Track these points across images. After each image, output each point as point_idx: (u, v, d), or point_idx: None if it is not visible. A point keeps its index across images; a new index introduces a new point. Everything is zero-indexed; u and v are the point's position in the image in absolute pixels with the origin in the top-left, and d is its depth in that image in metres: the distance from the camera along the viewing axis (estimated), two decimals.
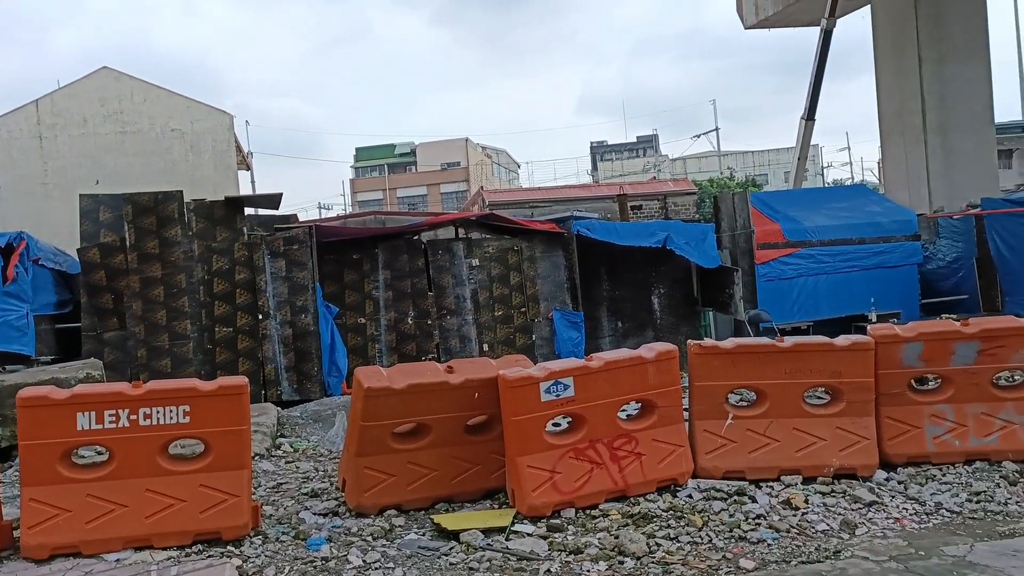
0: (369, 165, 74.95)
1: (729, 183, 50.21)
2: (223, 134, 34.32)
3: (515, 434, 5.98)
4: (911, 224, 14.39)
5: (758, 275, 13.59)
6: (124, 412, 5.50)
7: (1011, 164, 44.45)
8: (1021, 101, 52.85)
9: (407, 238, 12.50)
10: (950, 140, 21.90)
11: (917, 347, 6.47)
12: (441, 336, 12.24)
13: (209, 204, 11.20)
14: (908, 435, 6.49)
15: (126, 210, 10.71)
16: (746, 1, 30.01)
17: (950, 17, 21.95)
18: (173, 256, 10.81)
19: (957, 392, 6.51)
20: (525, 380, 5.98)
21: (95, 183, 31.19)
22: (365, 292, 12.01)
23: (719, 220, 14.48)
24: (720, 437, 6.49)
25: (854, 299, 13.57)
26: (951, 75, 22.03)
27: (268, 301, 11.03)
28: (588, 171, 77.28)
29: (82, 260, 10.76)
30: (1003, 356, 6.46)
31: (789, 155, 42.71)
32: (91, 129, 32.76)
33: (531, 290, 12.67)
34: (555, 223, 13.26)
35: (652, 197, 38.34)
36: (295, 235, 11.23)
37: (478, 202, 38.74)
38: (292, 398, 10.92)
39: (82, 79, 33.22)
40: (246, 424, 5.80)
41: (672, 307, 13.75)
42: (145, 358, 10.63)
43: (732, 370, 6.56)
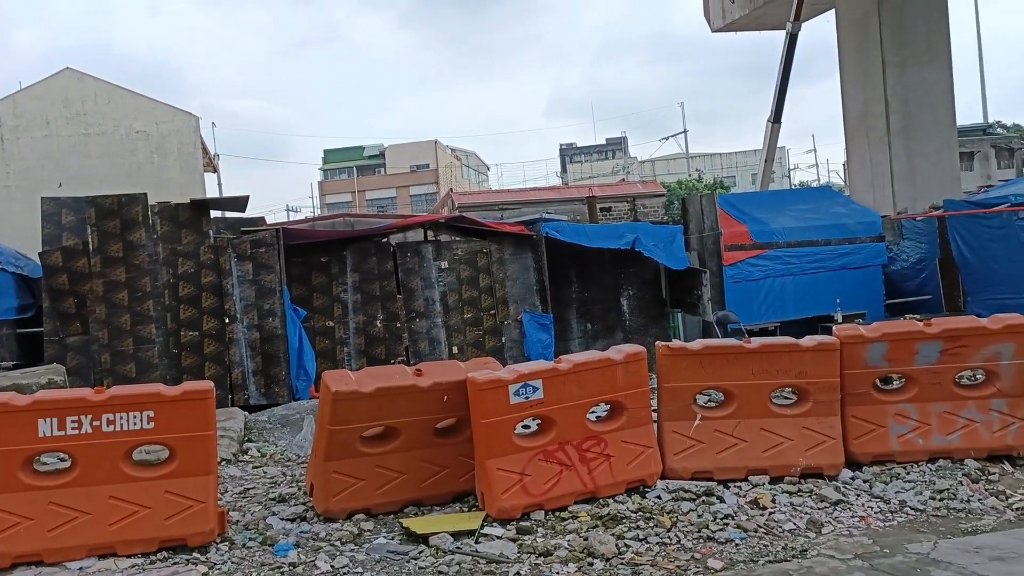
0: (338, 167, 74.58)
1: (697, 185, 50.60)
2: (189, 136, 33.97)
3: (484, 437, 5.97)
4: (875, 226, 14.59)
5: (726, 276, 13.71)
6: (87, 418, 5.43)
7: (973, 166, 45.28)
8: (982, 104, 53.74)
9: (376, 241, 12.44)
10: (913, 143, 22.25)
11: (881, 347, 6.55)
12: (410, 339, 12.20)
13: (174, 207, 11.05)
14: (873, 434, 6.57)
15: (89, 213, 10.54)
16: (713, 5, 30.31)
17: (913, 22, 22.32)
18: (137, 259, 10.66)
19: (921, 391, 6.60)
20: (494, 383, 5.97)
21: (58, 186, 30.74)
22: (333, 295, 11.93)
23: (687, 222, 14.58)
24: (688, 438, 6.53)
25: (820, 300, 13.73)
26: (914, 79, 22.39)
27: (235, 305, 10.92)
28: (557, 173, 77.52)
29: (44, 264, 10.58)
30: (965, 355, 6.56)
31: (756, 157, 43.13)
32: (54, 131, 32.27)
33: (500, 292, 12.66)
34: (524, 225, 13.27)
35: (621, 199, 38.57)
36: (262, 238, 11.12)
37: (448, 204, 38.70)
38: (260, 402, 10.81)
39: (45, 80, 32.72)
40: (212, 429, 5.73)
41: (641, 309, 13.81)
42: (109, 363, 10.47)
43: (700, 371, 6.59)
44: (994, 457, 6.54)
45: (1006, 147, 47.58)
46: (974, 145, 45.81)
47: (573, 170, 74.78)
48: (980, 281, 12.85)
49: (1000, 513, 5.74)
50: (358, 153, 74.86)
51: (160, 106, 33.72)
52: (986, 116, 52.91)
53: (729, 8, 29.46)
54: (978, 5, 58.90)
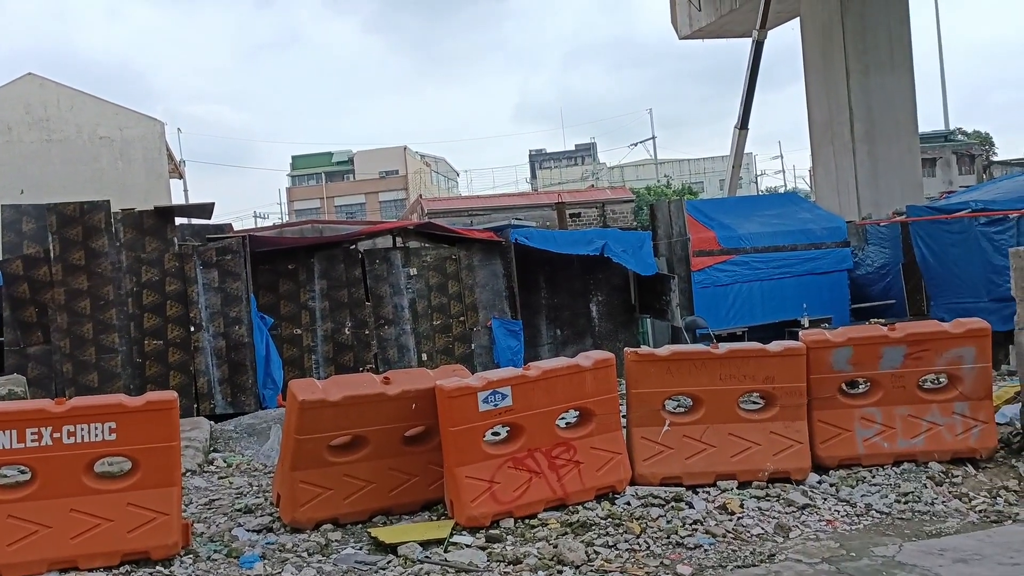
0: (306, 173, 74.10)
1: (666, 191, 50.96)
2: (154, 142, 33.58)
3: (453, 445, 5.94)
4: (841, 231, 14.77)
5: (694, 282, 13.79)
6: (47, 430, 5.31)
7: (935, 172, 46.02)
8: (943, 111, 54.70)
9: (344, 247, 12.36)
10: (877, 149, 22.57)
11: (847, 352, 6.62)
12: (379, 346, 12.12)
13: (138, 214, 10.90)
14: (839, 438, 6.63)
15: (50, 220, 10.37)
16: (680, 12, 30.54)
17: (875, 30, 22.64)
18: (100, 267, 10.49)
19: (885, 395, 6.67)
20: (463, 390, 5.95)
21: (20, 192, 30.21)
22: (301, 302, 11.83)
23: (656, 228, 14.64)
24: (657, 444, 6.54)
25: (787, 305, 13.85)
26: (877, 86, 22.71)
27: (200, 313, 10.79)
28: (527, 179, 77.64)
29: (4, 273, 10.38)
30: (928, 359, 6.64)
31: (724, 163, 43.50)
32: (15, 137, 31.75)
33: (469, 299, 12.63)
34: (493, 232, 13.26)
35: (590, 205, 38.72)
36: (228, 245, 11.01)
37: (417, 210, 38.60)
38: (226, 411, 10.69)
39: (5, 86, 32.19)
40: (175, 440, 5.65)
41: (610, 314, 13.85)
42: (71, 373, 10.29)
43: (668, 377, 6.61)
44: (957, 460, 6.61)
45: (967, 153, 48.45)
46: (936, 151, 46.57)
47: (543, 176, 74.98)
48: (942, 285, 13.04)
49: (963, 515, 5.82)
50: (327, 159, 74.47)
51: (124, 111, 33.30)
52: (947, 123, 53.86)
53: (696, 16, 29.70)
54: (939, 13, 60.29)
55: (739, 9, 27.04)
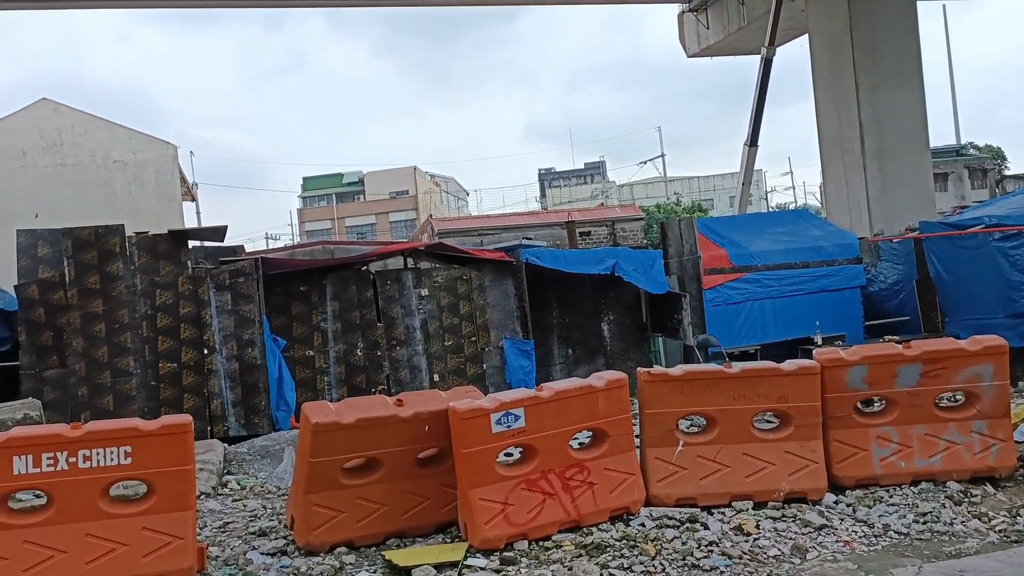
0: (317, 194, 74.47)
1: (676, 208, 50.94)
2: (167, 165, 33.82)
3: (466, 466, 5.92)
4: (853, 248, 14.71)
5: (706, 300, 13.75)
6: (63, 455, 5.33)
7: (947, 187, 45.91)
8: (954, 126, 54.64)
9: (355, 269, 12.40)
10: (888, 164, 22.50)
11: (862, 370, 6.58)
12: (391, 367, 12.13)
13: (152, 237, 10.98)
14: (856, 457, 6.58)
15: (66, 245, 10.45)
16: (688, 31, 30.65)
17: (884, 46, 22.64)
18: (115, 291, 10.56)
19: (902, 414, 6.63)
20: (476, 412, 5.94)
21: (34, 216, 30.44)
22: (313, 324, 11.86)
23: (666, 246, 14.64)
24: (671, 464, 6.51)
25: (800, 322, 13.79)
26: (886, 101, 22.68)
27: (214, 335, 10.83)
28: (537, 198, 77.76)
29: (20, 297, 10.46)
30: (945, 377, 6.60)
31: (734, 180, 43.51)
32: (30, 162, 32.03)
33: (481, 319, 12.64)
34: (504, 251, 13.28)
35: (600, 223, 38.73)
36: (241, 268, 11.06)
37: (427, 230, 38.70)
38: (239, 434, 10.70)
39: (20, 111, 32.51)
40: (190, 464, 5.66)
41: (622, 333, 13.82)
42: (87, 396, 10.34)
43: (681, 397, 6.59)
44: (976, 479, 6.55)
45: (979, 168, 48.31)
46: (948, 166, 46.48)
47: (552, 195, 75.08)
48: (957, 302, 12.96)
49: (983, 535, 5.76)
50: (337, 180, 74.83)
51: (137, 135, 33.57)
52: (959, 137, 53.78)
53: (704, 34, 29.82)
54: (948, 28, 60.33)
55: (747, 27, 27.13)
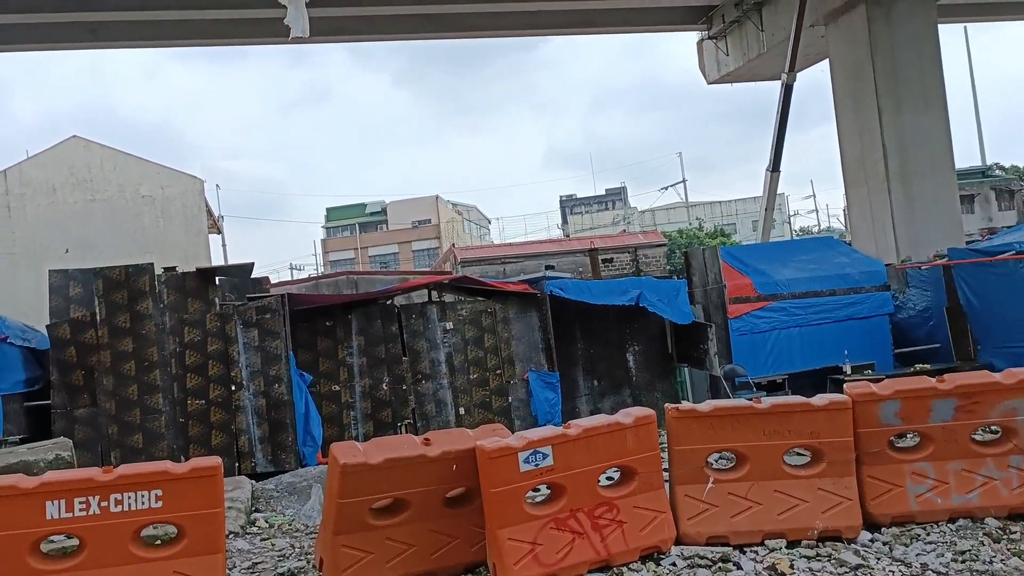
0: (340, 224, 75.04)
1: (698, 233, 50.85)
2: (193, 198, 34.19)
3: (495, 506, 5.89)
4: (880, 274, 14.56)
5: (731, 329, 13.65)
6: (95, 499, 5.37)
7: (974, 208, 45.47)
8: (979, 147, 54.26)
9: (380, 303, 12.45)
10: (913, 188, 22.29)
11: (894, 405, 6.49)
12: (417, 401, 12.14)
13: (181, 276, 11.10)
14: (891, 494, 6.48)
15: (97, 285, 10.59)
16: (707, 58, 30.70)
17: (906, 68, 22.52)
18: (144, 329, 10.67)
19: (937, 449, 6.52)
20: (503, 451, 5.92)
21: (65, 251, 30.89)
22: (339, 359, 11.90)
23: (691, 275, 14.60)
24: (702, 502, 6.44)
25: (827, 351, 13.64)
26: (910, 124, 22.52)
27: (241, 372, 10.89)
28: (559, 225, 77.85)
29: (52, 337, 10.59)
30: (980, 412, 6.49)
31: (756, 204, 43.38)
32: (60, 198, 32.52)
33: (506, 352, 12.62)
34: (528, 284, 13.29)
35: (623, 250, 38.68)
36: (268, 304, 11.14)
37: (450, 259, 38.83)
38: (267, 470, 10.72)
39: (51, 148, 33.06)
40: (220, 507, 5.68)
41: (647, 364, 13.75)
42: (116, 434, 10.42)
43: (711, 433, 6.53)
44: (1015, 515, 6.42)
45: (1006, 189, 47.84)
46: (974, 188, 46.07)
47: (574, 221, 75.18)
48: (989, 329, 12.78)
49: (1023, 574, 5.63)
50: (360, 210, 75.39)
51: (165, 170, 34.01)
52: (984, 158, 53.35)
53: (723, 60, 29.83)
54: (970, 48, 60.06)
55: (766, 53, 27.12)
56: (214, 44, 27.76)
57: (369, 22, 25.61)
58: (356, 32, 26.60)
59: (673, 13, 28.57)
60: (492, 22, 26.45)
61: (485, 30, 27.78)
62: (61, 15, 22.27)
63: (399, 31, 26.90)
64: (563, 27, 28.17)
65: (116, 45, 26.30)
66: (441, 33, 27.74)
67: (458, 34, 28.22)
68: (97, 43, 25.17)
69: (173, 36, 25.12)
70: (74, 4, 21.77)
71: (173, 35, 24.99)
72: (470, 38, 29.91)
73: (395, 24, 25.96)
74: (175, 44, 27.25)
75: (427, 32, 27.37)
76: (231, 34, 25.13)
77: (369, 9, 24.16)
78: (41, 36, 24.00)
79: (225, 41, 26.58)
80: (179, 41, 26.26)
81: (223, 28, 24.63)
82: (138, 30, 24.26)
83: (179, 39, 25.72)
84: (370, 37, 28.11)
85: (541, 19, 26.65)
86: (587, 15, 26.66)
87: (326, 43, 29.16)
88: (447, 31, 27.31)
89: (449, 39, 30.01)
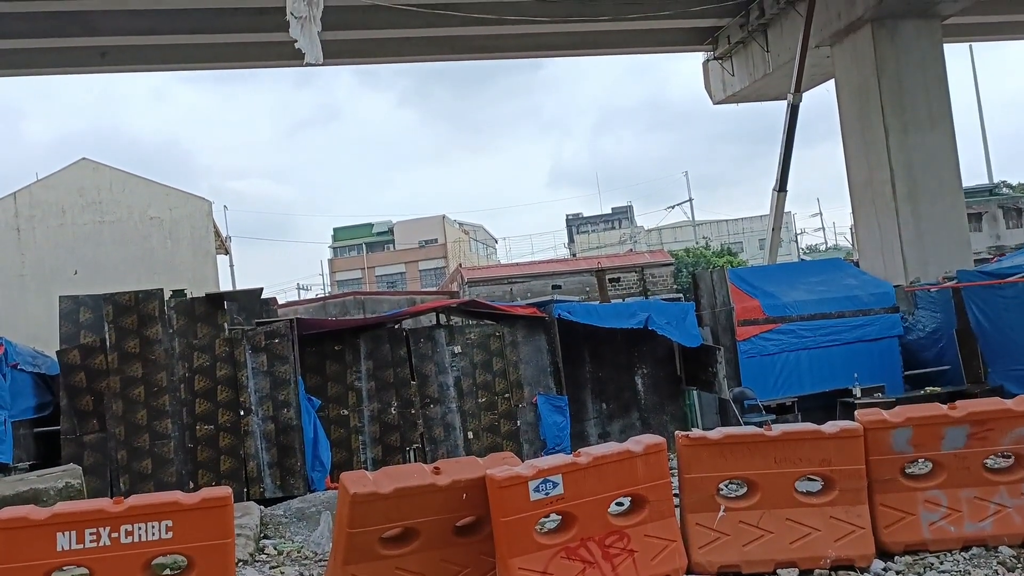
0: (347, 244, 75.28)
1: (705, 252, 50.83)
2: (202, 220, 34.38)
3: (505, 535, 5.88)
4: (889, 296, 14.51)
5: (740, 352, 13.61)
6: (105, 530, 5.38)
7: (981, 227, 45.40)
8: (986, 165, 54.25)
9: (388, 327, 12.47)
10: (920, 208, 22.27)
11: (906, 432, 6.47)
12: (425, 425, 12.12)
13: (190, 301, 11.14)
14: (903, 522, 6.44)
15: (107, 310, 10.63)
16: (713, 79, 30.82)
17: (912, 89, 22.56)
18: (154, 355, 10.70)
19: (949, 477, 6.49)
20: (513, 479, 5.91)
21: (73, 273, 31.05)
22: (347, 383, 11.90)
23: (699, 297, 14.58)
24: (713, 530, 6.41)
25: (836, 373, 13.58)
26: (917, 144, 22.53)
27: (250, 397, 10.90)
28: (565, 244, 77.96)
29: (62, 362, 10.63)
30: (992, 439, 6.46)
31: (762, 223, 43.37)
32: (69, 220, 32.73)
33: (514, 375, 12.61)
34: (536, 307, 13.29)
35: (630, 269, 38.76)
36: (276, 329, 11.15)
37: (457, 279, 38.90)
38: (275, 495, 10.70)
39: (60, 171, 33.33)
40: (230, 537, 5.69)
41: (656, 387, 13.71)
42: (125, 460, 10.42)
43: (721, 461, 6.51)
44: None
45: (1013, 207, 47.74)
46: (981, 206, 46.00)
47: (580, 240, 75.32)
48: (1000, 351, 12.72)
49: None
50: (367, 230, 75.67)
51: (173, 192, 34.23)
52: (991, 176, 53.34)
53: (730, 81, 29.94)
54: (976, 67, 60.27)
55: (772, 74, 27.21)
56: (223, 67, 27.99)
57: (379, 44, 25.84)
58: (367, 54, 26.83)
59: (679, 34, 28.72)
60: (499, 43, 26.63)
61: (492, 51, 27.99)
62: (72, 39, 22.52)
63: (409, 53, 27.13)
64: (569, 48, 28.33)
65: (125, 69, 26.54)
66: (449, 55, 27.97)
67: (466, 55, 28.44)
68: (107, 67, 25.41)
69: (182, 60, 25.36)
70: (84, 29, 22.01)
71: (182, 59, 25.23)
72: (477, 59, 30.14)
73: (405, 46, 26.18)
74: (184, 68, 27.48)
75: (436, 54, 27.61)
76: (240, 57, 25.35)
77: (379, 32, 24.36)
78: (52, 60, 24.26)
79: (234, 64, 26.81)
80: (188, 65, 26.50)
81: (232, 52, 24.85)
82: (147, 54, 24.51)
83: (188, 63, 25.96)
84: (381, 59, 28.35)
85: (548, 40, 26.80)
86: (593, 36, 26.80)
87: (337, 65, 29.38)
88: (455, 52, 27.54)
89: (457, 60, 30.25)
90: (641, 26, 25.83)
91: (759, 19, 26.30)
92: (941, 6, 22.25)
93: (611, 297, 26.59)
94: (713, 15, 26.77)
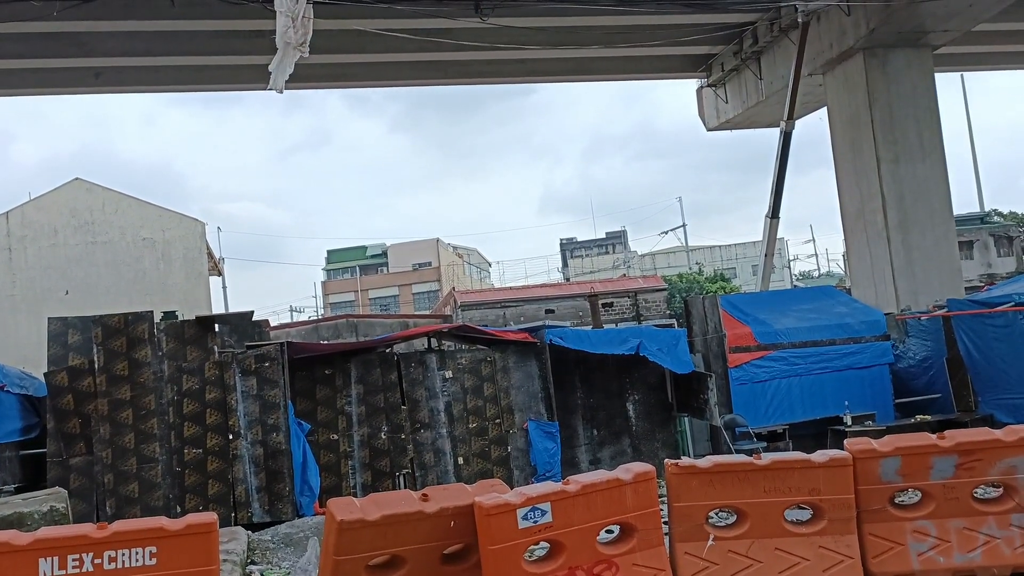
0: (341, 267, 75.23)
1: (698, 278, 50.94)
2: (194, 242, 34.37)
3: (493, 564, 5.84)
4: (880, 324, 14.55)
5: (731, 379, 13.61)
6: (88, 556, 5.33)
7: (972, 255, 45.59)
8: (977, 193, 54.67)
9: (380, 351, 12.43)
10: (912, 237, 22.39)
11: (895, 462, 6.46)
12: (415, 451, 12.05)
13: (180, 324, 11.10)
14: (892, 552, 6.42)
15: (95, 332, 10.58)
16: (707, 105, 31.04)
17: (904, 119, 22.75)
18: (142, 377, 10.64)
19: (938, 507, 6.48)
20: (502, 507, 5.88)
21: (65, 294, 30.97)
22: (337, 408, 11.85)
23: (690, 324, 14.60)
24: (701, 560, 6.38)
25: (827, 401, 13.59)
26: (908, 174, 22.68)
27: (239, 421, 10.83)
28: (559, 268, 78.03)
29: (49, 385, 10.55)
30: (981, 469, 6.46)
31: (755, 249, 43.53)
32: (61, 240, 32.67)
33: (505, 401, 12.57)
34: (528, 332, 13.27)
35: (623, 294, 38.73)
36: (267, 352, 11.11)
37: (450, 303, 38.85)
38: (263, 520, 10.61)
39: (53, 191, 33.32)
40: (215, 564, 5.64)
41: (647, 413, 13.68)
42: (112, 483, 10.33)
43: (711, 490, 6.49)
44: (1017, 574, 6.35)
45: (1004, 235, 48.01)
46: (972, 234, 46.22)
47: (574, 265, 75.38)
48: (989, 381, 12.74)
49: None
50: (361, 253, 75.62)
51: (166, 214, 34.23)
52: (982, 204, 53.70)
53: (723, 108, 30.16)
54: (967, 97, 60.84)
55: (765, 101, 27.42)
56: (217, 89, 28.07)
57: (372, 68, 25.96)
58: (360, 78, 26.99)
59: (672, 61, 28.94)
60: (492, 69, 26.77)
61: (485, 77, 28.15)
62: (66, 60, 22.57)
63: (402, 77, 27.28)
64: (562, 74, 28.52)
65: (120, 90, 26.60)
66: (442, 80, 28.12)
67: (459, 80, 28.58)
68: (100, 87, 25.44)
69: (176, 81, 25.43)
70: (79, 50, 22.06)
71: (176, 80, 25.30)
72: (470, 84, 30.30)
73: (398, 70, 26.32)
74: (176, 89, 27.57)
75: (429, 78, 27.76)
76: (233, 80, 25.42)
77: (372, 56, 24.48)
78: (46, 80, 24.30)
79: (228, 87, 26.85)
80: (180, 86, 26.55)
81: (226, 74, 24.92)
82: (140, 75, 24.57)
83: (182, 84, 26.01)
84: (373, 83, 28.51)
85: (541, 66, 26.97)
86: (586, 62, 27.00)
87: (330, 88, 29.55)
88: (448, 77, 27.68)
89: (450, 85, 30.38)
90: (635, 52, 26.04)
91: (752, 47, 26.53)
92: (931, 36, 22.47)
93: (604, 322, 26.61)
94: (707, 43, 27.01)
